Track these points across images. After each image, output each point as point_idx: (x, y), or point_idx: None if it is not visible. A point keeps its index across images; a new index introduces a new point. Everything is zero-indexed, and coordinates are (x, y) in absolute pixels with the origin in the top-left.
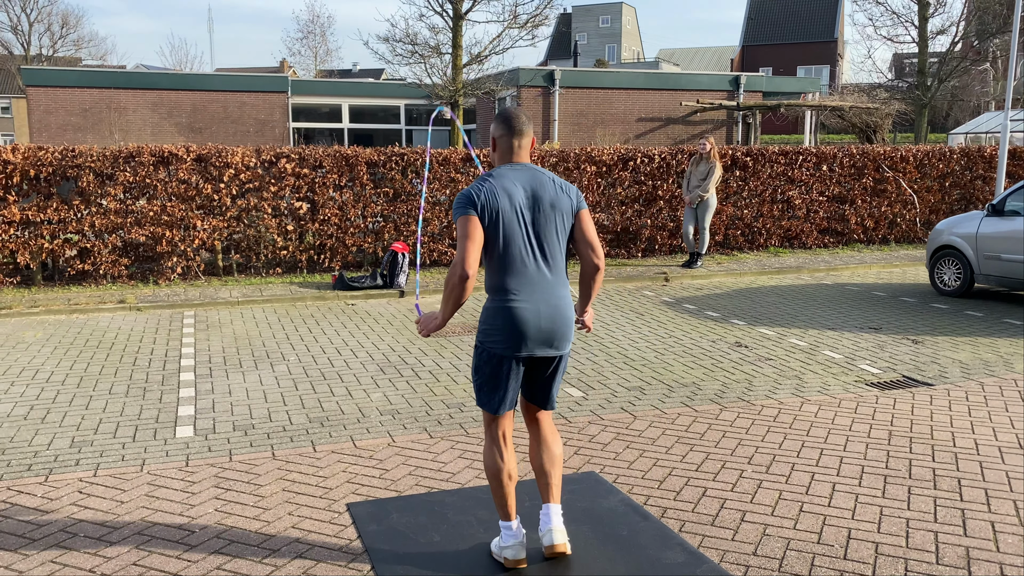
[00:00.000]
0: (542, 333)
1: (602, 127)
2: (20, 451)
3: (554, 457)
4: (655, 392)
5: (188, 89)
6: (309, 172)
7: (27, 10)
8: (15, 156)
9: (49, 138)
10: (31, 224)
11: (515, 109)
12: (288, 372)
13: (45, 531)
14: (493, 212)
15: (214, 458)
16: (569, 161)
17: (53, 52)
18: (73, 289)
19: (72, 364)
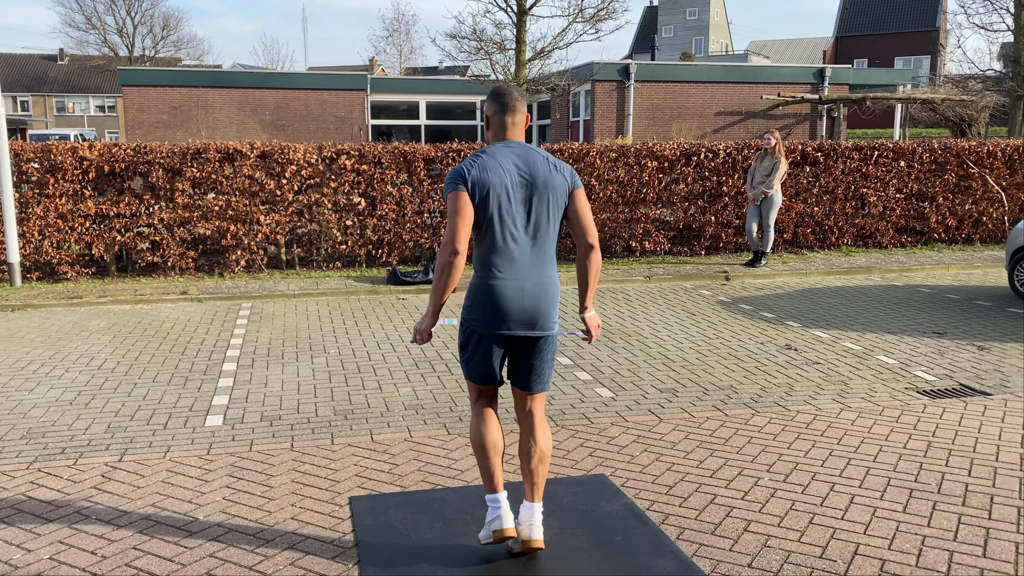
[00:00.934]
0: (524, 312)
1: (678, 121)
2: (59, 434)
3: (545, 452)
4: (688, 394)
5: (272, 87)
6: (368, 168)
7: (132, 14)
8: (91, 153)
9: (142, 135)
10: (105, 218)
11: (508, 86)
12: (326, 364)
13: (61, 512)
14: (483, 189)
15: (235, 447)
16: (629, 156)
17: (155, 53)
18: (142, 280)
19: (126, 352)
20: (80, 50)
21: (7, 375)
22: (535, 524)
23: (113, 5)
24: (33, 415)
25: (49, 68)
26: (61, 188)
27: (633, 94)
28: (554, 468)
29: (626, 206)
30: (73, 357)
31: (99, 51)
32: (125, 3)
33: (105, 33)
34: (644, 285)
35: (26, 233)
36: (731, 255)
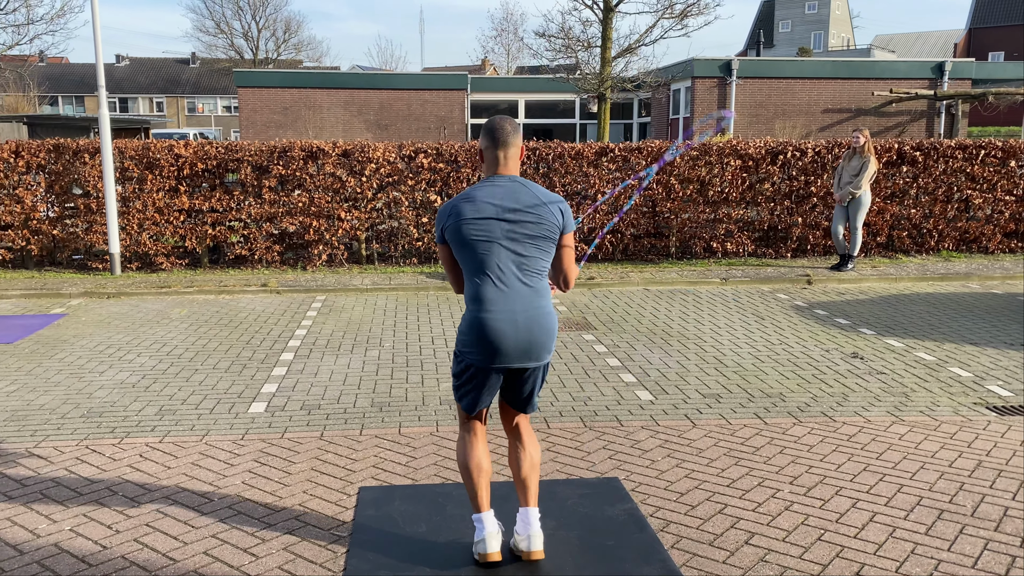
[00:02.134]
0: (519, 344)
1: (782, 119)
2: (114, 415)
3: (534, 462)
4: (731, 400)
5: (376, 88)
6: (444, 166)
7: (256, 18)
8: (185, 151)
9: (255, 134)
10: (198, 212)
11: (500, 119)
12: (377, 358)
13: (93, 487)
14: (457, 230)
15: (268, 434)
16: (711, 155)
17: (277, 55)
18: (230, 272)
19: (196, 340)
20: (209, 53)
21: (85, 357)
22: (533, 534)
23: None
24: (98, 395)
25: (182, 71)
26: (158, 184)
27: (735, 91)
28: (568, 469)
29: (707, 206)
30: (148, 343)
31: (226, 54)
32: (251, 8)
33: (232, 37)
34: (719, 287)
35: (126, 226)
36: (818, 258)
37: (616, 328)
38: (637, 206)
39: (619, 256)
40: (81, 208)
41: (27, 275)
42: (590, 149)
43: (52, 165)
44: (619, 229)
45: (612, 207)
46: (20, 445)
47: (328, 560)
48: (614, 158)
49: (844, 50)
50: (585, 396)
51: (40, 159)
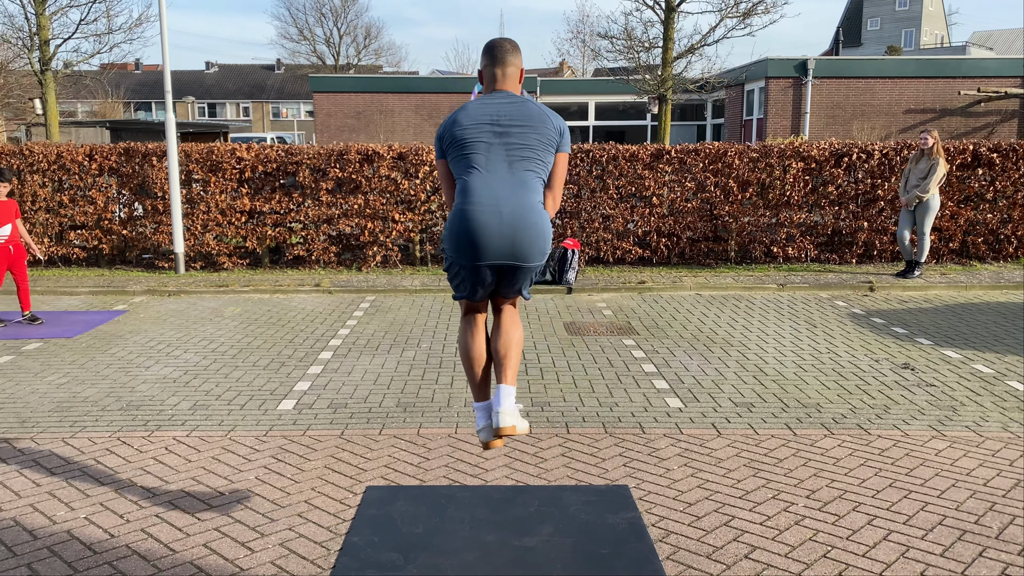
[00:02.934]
0: (503, 240)
1: (860, 120)
2: (150, 408)
3: (510, 340)
4: (764, 410)
5: (446, 92)
6: None
7: (338, 25)
8: (247, 154)
9: (329, 138)
10: (258, 214)
11: (500, 40)
12: (412, 358)
13: (115, 478)
14: (452, 136)
15: (290, 431)
16: (772, 157)
17: (358, 61)
18: (288, 272)
19: (242, 337)
20: (292, 60)
21: (135, 352)
22: (501, 411)
23: (322, 17)
24: (140, 389)
25: (267, 77)
26: (221, 186)
27: (811, 91)
28: (580, 475)
29: (768, 209)
30: (196, 340)
31: (308, 60)
32: (332, 15)
33: (314, 43)
34: (775, 293)
35: (191, 226)
36: (885, 264)
37: (659, 333)
38: (694, 208)
39: (675, 260)
40: (149, 209)
41: (97, 273)
42: (645, 151)
43: (123, 168)
44: (675, 232)
45: (670, 209)
46: (58, 435)
47: (320, 557)
48: (670, 160)
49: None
50: (612, 402)
51: (112, 162)
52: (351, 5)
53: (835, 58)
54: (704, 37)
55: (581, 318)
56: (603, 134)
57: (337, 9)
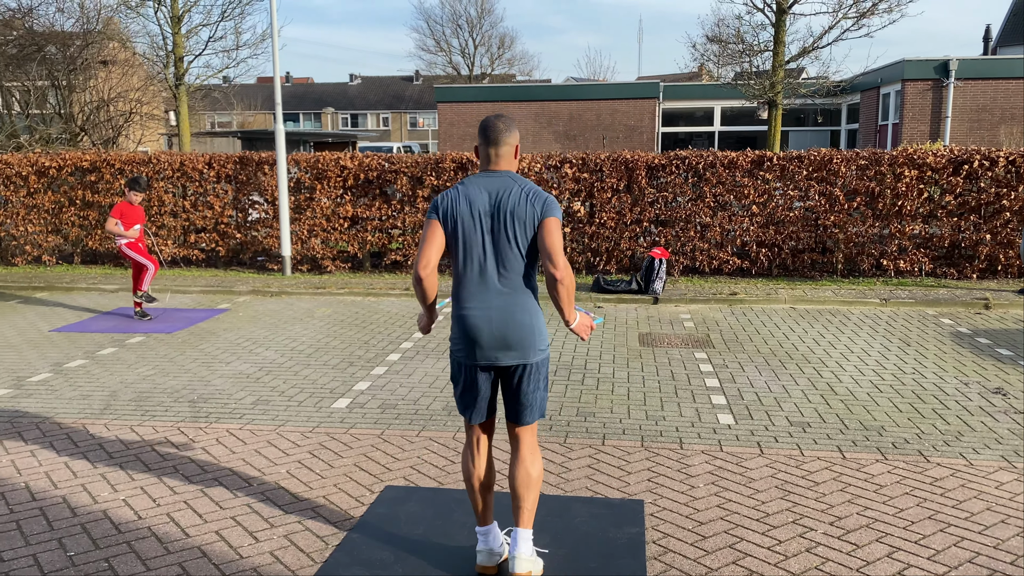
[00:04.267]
0: (495, 340)
1: (1009, 124)
2: (218, 401)
3: (529, 480)
4: (819, 431)
5: (566, 99)
6: (589, 176)
7: (474, 36)
8: (351, 163)
9: (451, 146)
10: (360, 220)
11: (494, 118)
12: None
13: (162, 464)
14: (452, 219)
15: (335, 428)
16: (882, 164)
17: (491, 70)
18: (385, 276)
19: (323, 337)
20: (429, 71)
21: (222, 348)
22: (518, 556)
23: (458, 29)
24: (214, 383)
25: (406, 88)
26: (326, 193)
27: (952, 94)
28: (600, 487)
29: (877, 220)
30: (281, 338)
31: (444, 71)
32: (468, 26)
33: (450, 54)
34: (875, 309)
35: (298, 231)
36: (1011, 280)
37: (736, 347)
38: (797, 218)
39: (776, 271)
40: (261, 214)
41: (211, 273)
42: (745, 158)
43: (238, 176)
44: (776, 243)
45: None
46: (128, 422)
47: (317, 551)
48: (771, 167)
49: None
50: (660, 415)
51: (228, 170)
52: (486, 16)
53: (981, 58)
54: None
55: (659, 329)
56: (732, 140)
57: (473, 20)
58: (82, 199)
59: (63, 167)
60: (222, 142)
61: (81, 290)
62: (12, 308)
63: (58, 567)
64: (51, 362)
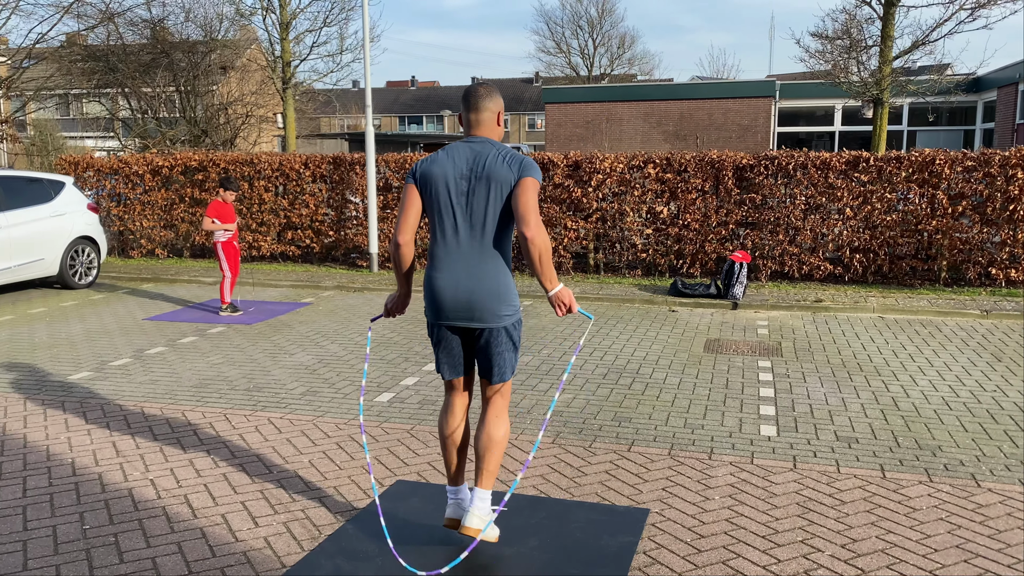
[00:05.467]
0: (459, 303)
1: None
2: (271, 391)
3: (491, 441)
4: (867, 447)
5: (676, 99)
6: (673, 177)
7: (594, 36)
8: None
9: (558, 147)
10: None
11: (475, 86)
12: (524, 363)
13: (198, 448)
14: (427, 182)
15: (369, 421)
16: (992, 166)
17: (611, 70)
18: None
19: (388, 332)
20: (548, 72)
21: (290, 340)
22: (472, 512)
23: (578, 29)
24: (273, 373)
25: (525, 90)
26: None
27: None
28: (610, 494)
29: (986, 225)
30: (349, 332)
31: (563, 72)
32: (588, 27)
33: (569, 56)
34: (974, 321)
35: (386, 229)
36: None
37: (805, 357)
38: (895, 222)
39: (871, 278)
40: (351, 213)
41: (303, 268)
42: (839, 159)
43: (332, 175)
44: (871, 248)
45: (865, 223)
46: (182, 407)
47: (310, 539)
48: (867, 169)
49: None
50: (700, 423)
51: (323, 170)
52: (607, 16)
53: None
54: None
55: (729, 335)
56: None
57: (593, 21)
58: (191, 196)
59: (174, 166)
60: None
61: (183, 282)
62: (118, 297)
63: (71, 538)
64: (135, 348)
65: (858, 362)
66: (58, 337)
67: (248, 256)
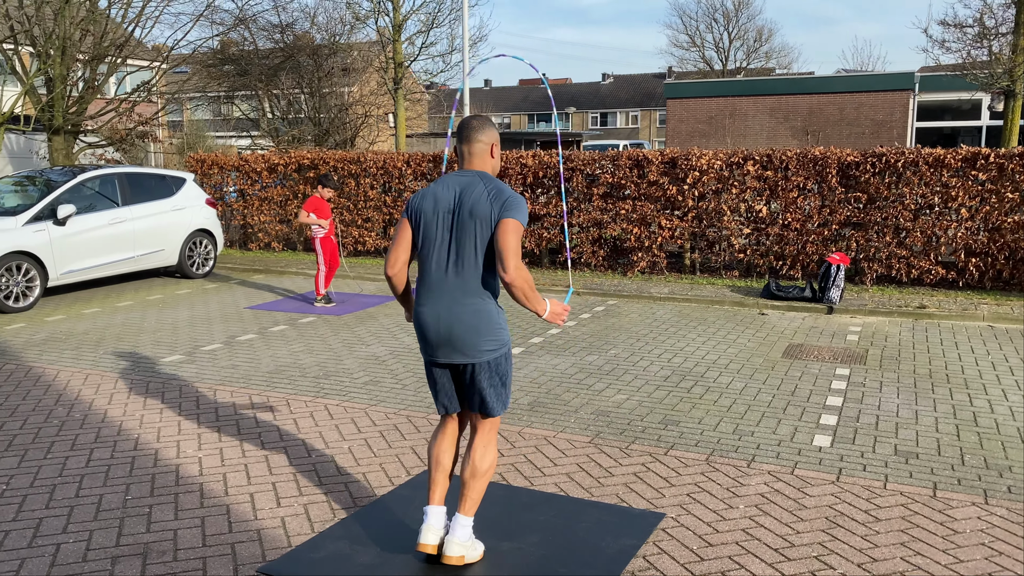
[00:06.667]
0: (441, 339)
1: None
2: (338, 379)
3: (476, 471)
4: (925, 463)
5: (805, 93)
6: (772, 175)
7: (729, 29)
8: (531, 161)
9: (679, 143)
10: (537, 218)
11: (468, 118)
12: (590, 363)
13: (254, 429)
14: (417, 216)
15: (417, 413)
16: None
17: (746, 64)
18: (559, 273)
19: None
20: (680, 67)
21: (370, 332)
22: (452, 540)
23: (713, 23)
24: (345, 363)
25: (657, 85)
26: None
27: None
28: (631, 496)
29: None
30: None
31: (696, 67)
32: (724, 20)
33: (703, 50)
34: None
35: None
36: None
37: (890, 365)
38: (1019, 225)
39: (988, 284)
40: None
41: None
42: (954, 156)
43: (432, 173)
44: (990, 252)
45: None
46: (250, 392)
47: (323, 522)
48: (986, 167)
49: None
50: (751, 430)
51: (423, 168)
52: (744, 9)
53: None
54: None
55: (815, 341)
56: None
57: (729, 13)
58: (303, 193)
59: (288, 164)
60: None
61: (291, 274)
62: (228, 287)
63: (113, 506)
64: (228, 335)
65: (947, 373)
66: (164, 322)
67: (354, 251)
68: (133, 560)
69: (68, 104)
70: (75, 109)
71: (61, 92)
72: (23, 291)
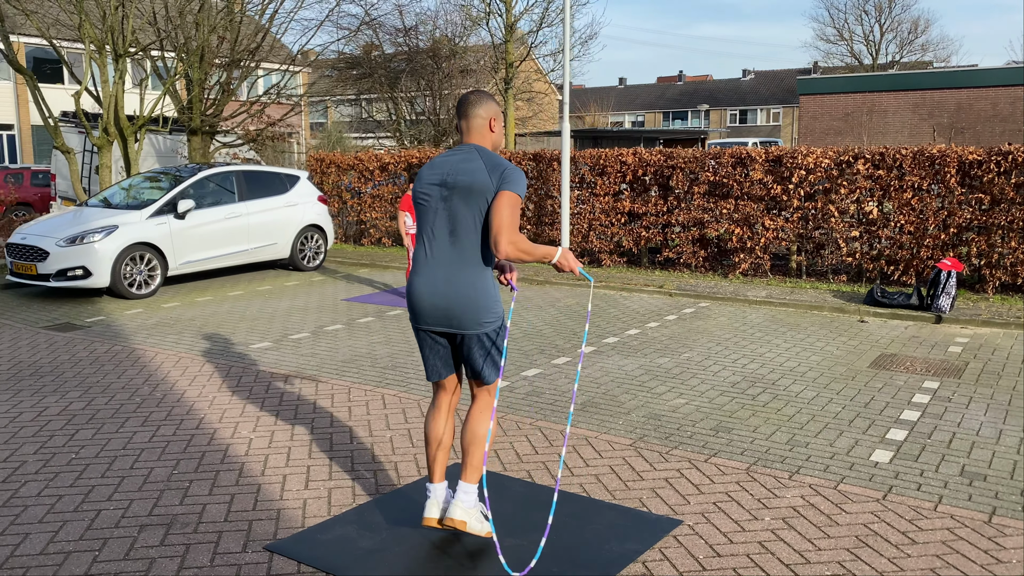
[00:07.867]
0: (436, 310)
1: None
2: (401, 371)
3: (474, 437)
4: (988, 488)
5: (954, 87)
6: (885, 174)
7: (881, 21)
8: (631, 158)
9: (812, 141)
10: (636, 216)
11: (467, 93)
12: (657, 365)
13: (309, 415)
14: (418, 189)
15: (464, 408)
16: None
17: (899, 57)
18: (656, 273)
19: (541, 325)
20: (826, 62)
21: None
22: (455, 504)
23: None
24: (415, 356)
25: None
26: (605, 188)
27: None
28: (654, 502)
29: None
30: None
31: (843, 61)
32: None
33: (851, 43)
34: None
35: (578, 224)
36: None
37: (987, 381)
38: None
39: None
40: (548, 208)
41: None
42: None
43: (531, 172)
44: None
45: None
46: (317, 379)
47: (341, 507)
48: None
49: None
50: (806, 442)
51: (523, 167)
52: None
53: None
54: None
55: (911, 351)
56: None
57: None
58: None
59: (398, 163)
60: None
61: (393, 268)
62: (332, 280)
63: (159, 479)
64: (317, 325)
65: None
66: (264, 311)
67: None
68: (157, 529)
69: (205, 106)
70: (211, 111)
71: (198, 95)
72: (145, 279)
